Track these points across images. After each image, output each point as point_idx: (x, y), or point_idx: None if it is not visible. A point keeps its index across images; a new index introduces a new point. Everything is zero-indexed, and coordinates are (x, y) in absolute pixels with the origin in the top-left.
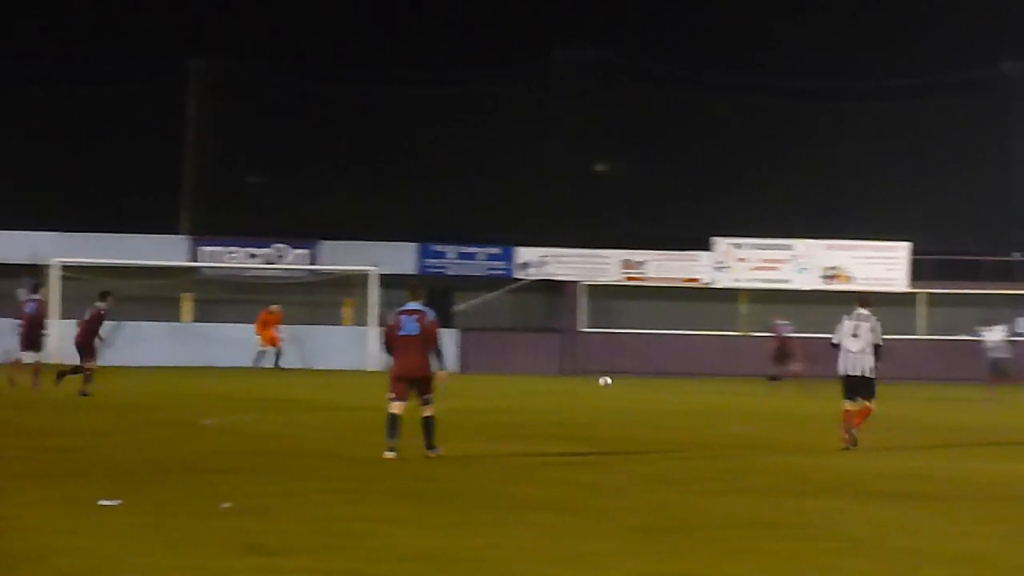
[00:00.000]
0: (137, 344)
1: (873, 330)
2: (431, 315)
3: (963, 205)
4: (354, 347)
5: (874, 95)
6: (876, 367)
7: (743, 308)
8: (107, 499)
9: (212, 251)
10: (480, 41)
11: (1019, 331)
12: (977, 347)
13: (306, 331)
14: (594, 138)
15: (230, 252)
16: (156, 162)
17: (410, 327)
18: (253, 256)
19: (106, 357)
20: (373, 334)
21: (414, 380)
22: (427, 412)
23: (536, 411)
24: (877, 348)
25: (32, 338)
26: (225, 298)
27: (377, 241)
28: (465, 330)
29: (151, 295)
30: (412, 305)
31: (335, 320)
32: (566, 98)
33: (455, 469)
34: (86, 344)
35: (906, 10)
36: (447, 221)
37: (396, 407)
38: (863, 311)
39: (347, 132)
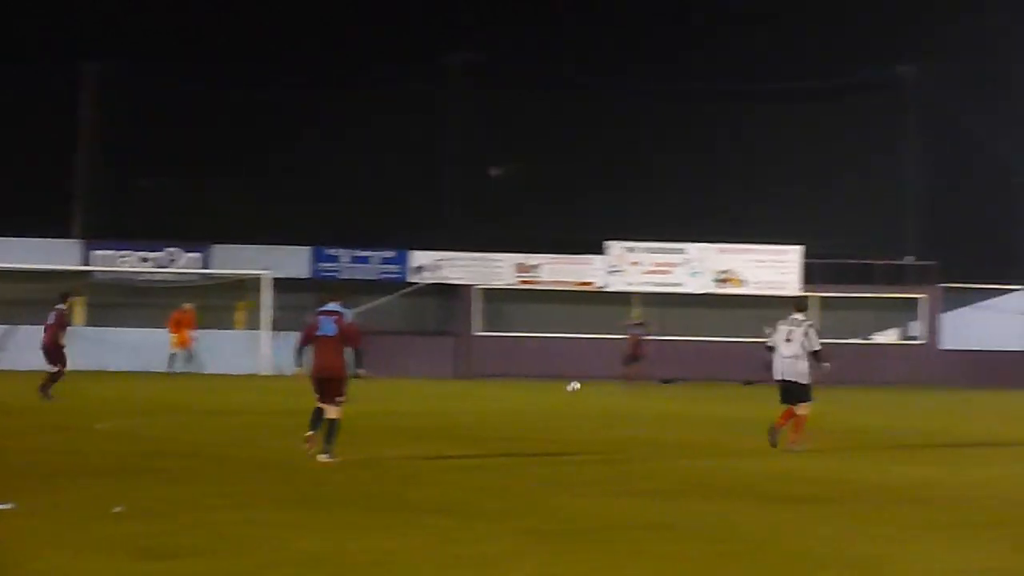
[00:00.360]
0: (28, 348)
1: (807, 335)
2: (348, 316)
3: (856, 209)
4: (247, 351)
5: (766, 98)
6: (811, 371)
7: (636, 312)
8: (1, 503)
9: (104, 255)
10: (373, 43)
11: (912, 335)
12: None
13: (199, 335)
14: (487, 141)
15: (122, 256)
16: (46, 165)
17: (328, 327)
18: (145, 260)
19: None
20: (266, 338)
21: (328, 380)
22: (332, 415)
23: (430, 415)
24: (815, 353)
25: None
26: (118, 302)
27: (270, 245)
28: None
29: (43, 299)
30: (331, 306)
31: (228, 324)
32: (460, 100)
33: (350, 473)
34: (54, 348)
35: (800, 13)
36: (340, 224)
37: (321, 403)
38: (798, 316)
39: (239, 135)
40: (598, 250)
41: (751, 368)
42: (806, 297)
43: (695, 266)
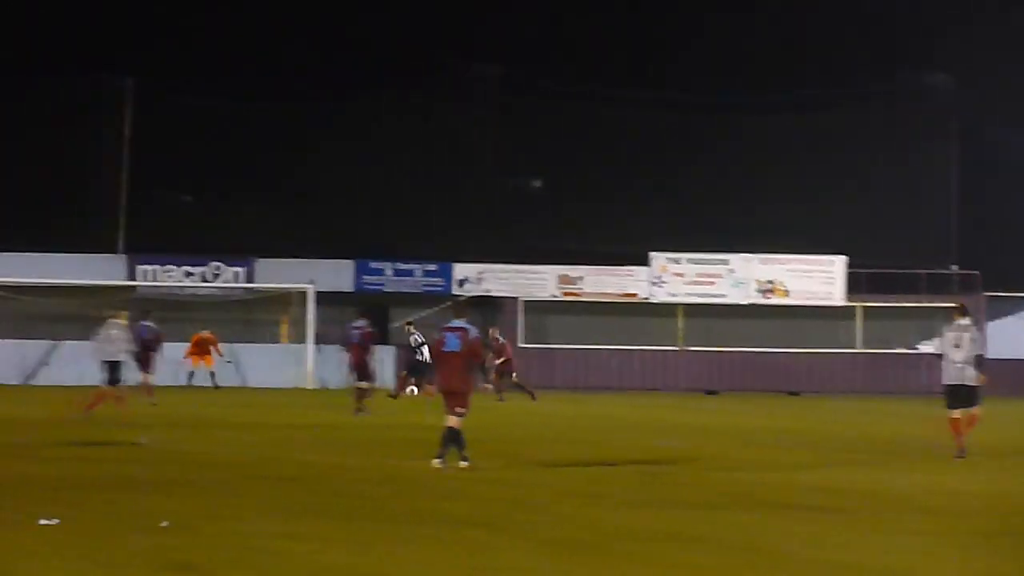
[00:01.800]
0: (75, 363)
1: (974, 340)
2: (473, 332)
3: (899, 218)
4: (291, 365)
5: (809, 108)
6: (977, 375)
7: (680, 323)
8: (46, 518)
9: (149, 270)
10: (417, 56)
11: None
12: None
13: (243, 349)
14: (531, 155)
15: (167, 271)
16: (90, 181)
17: (453, 343)
18: (189, 274)
19: (43, 377)
20: (310, 352)
21: (452, 393)
22: (452, 423)
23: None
24: (979, 358)
25: (146, 359)
26: (162, 316)
27: (313, 259)
28: (402, 346)
29: (88, 314)
30: (456, 322)
31: (272, 338)
32: (503, 114)
33: (381, 486)
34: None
35: (841, 22)
36: (384, 238)
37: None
38: (963, 321)
39: (282, 150)
40: (642, 262)
41: (795, 378)
42: (963, 304)
43: (739, 277)
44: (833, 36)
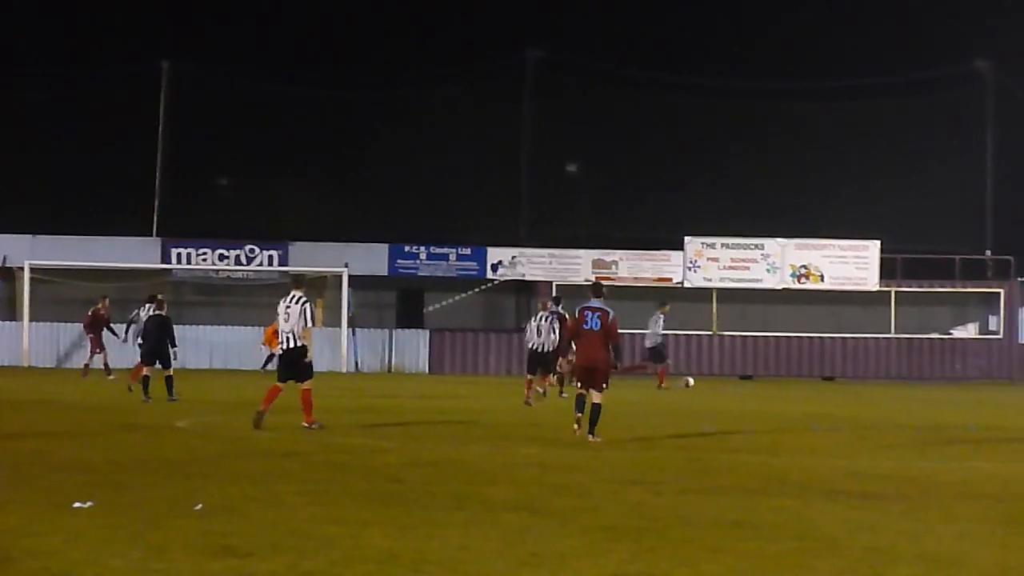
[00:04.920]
0: (108, 346)
1: None
2: (612, 314)
3: (933, 203)
4: (327, 349)
5: (845, 94)
6: None
7: (714, 307)
8: (80, 501)
9: (183, 253)
10: (448, 40)
11: (991, 329)
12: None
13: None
14: (565, 139)
15: (201, 254)
16: (125, 164)
17: (594, 322)
18: (224, 258)
19: (76, 359)
20: (345, 335)
21: (593, 370)
22: (596, 399)
23: (507, 412)
24: None
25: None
26: (197, 300)
27: (348, 242)
28: (436, 331)
29: (123, 297)
30: (595, 303)
31: None
32: (536, 96)
33: (426, 471)
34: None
35: (878, 7)
36: (418, 221)
37: (583, 390)
38: None
39: (316, 133)
40: (677, 246)
41: (829, 363)
42: None
43: (773, 261)
44: (872, 22)
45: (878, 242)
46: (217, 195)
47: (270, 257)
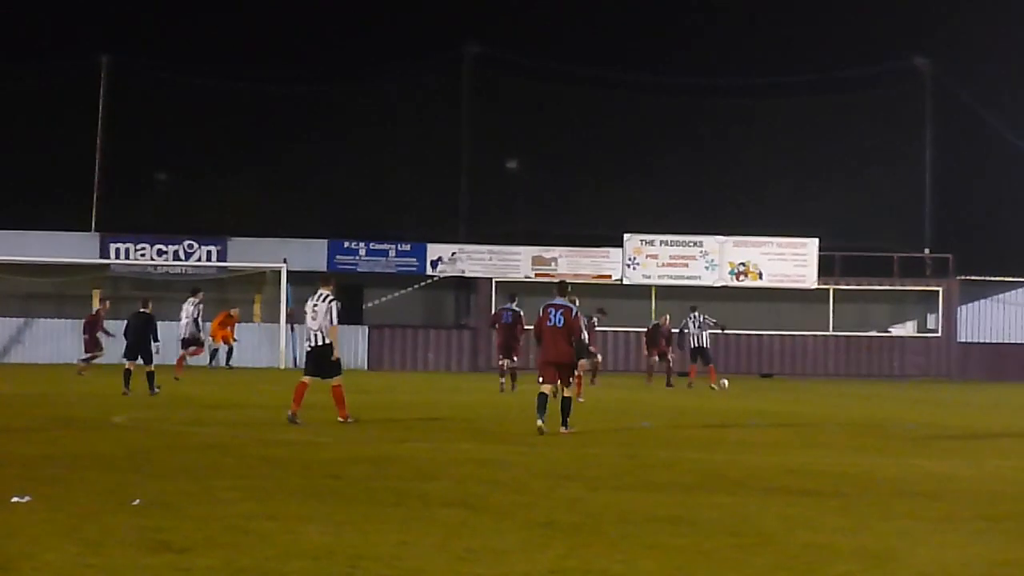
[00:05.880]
0: (46, 341)
1: None
2: (575, 310)
3: (873, 201)
4: (265, 345)
5: (783, 91)
6: None
7: (653, 304)
8: (18, 496)
9: (122, 248)
10: (386, 36)
11: (929, 327)
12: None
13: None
14: (504, 135)
15: (139, 249)
16: (64, 159)
17: (557, 319)
18: (162, 253)
19: (14, 354)
20: (284, 331)
21: (560, 365)
22: (566, 393)
23: (447, 407)
24: None
25: (508, 346)
26: (136, 295)
27: (287, 238)
28: (375, 327)
29: (61, 293)
30: (559, 300)
31: (246, 317)
32: (476, 94)
33: (363, 466)
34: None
35: (814, 3)
36: (357, 217)
37: (546, 388)
38: None
39: (255, 129)
40: (616, 243)
41: (767, 360)
42: None
43: (712, 259)
44: (809, 19)
45: (816, 240)
46: (156, 190)
47: (209, 252)
